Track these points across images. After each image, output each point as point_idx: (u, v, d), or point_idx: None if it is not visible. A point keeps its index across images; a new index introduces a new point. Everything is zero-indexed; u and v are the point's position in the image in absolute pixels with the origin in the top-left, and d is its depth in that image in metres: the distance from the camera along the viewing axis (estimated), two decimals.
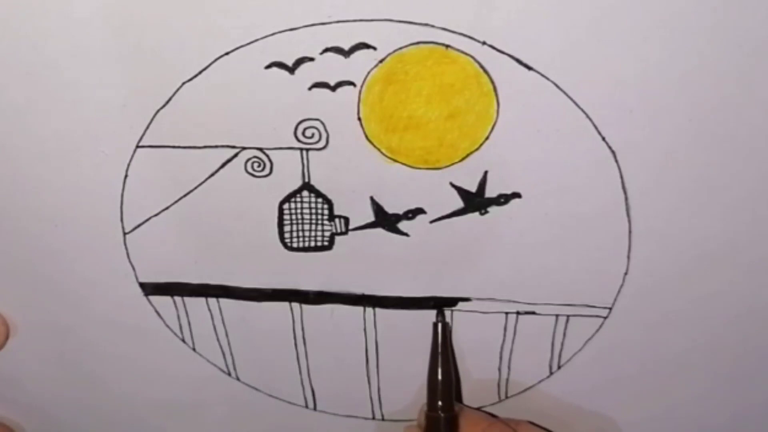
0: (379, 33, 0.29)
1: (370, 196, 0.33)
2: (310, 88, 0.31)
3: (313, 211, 0.34)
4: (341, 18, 0.29)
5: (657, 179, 0.31)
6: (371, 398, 0.39)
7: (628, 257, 0.33)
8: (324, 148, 0.32)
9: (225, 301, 0.37)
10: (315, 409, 0.40)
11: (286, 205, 0.34)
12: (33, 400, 0.41)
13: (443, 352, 0.35)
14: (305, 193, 0.33)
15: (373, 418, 0.39)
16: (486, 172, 0.32)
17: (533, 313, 0.35)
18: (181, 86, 0.31)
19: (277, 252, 0.35)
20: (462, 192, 0.33)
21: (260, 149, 0.32)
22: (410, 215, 0.33)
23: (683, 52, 0.29)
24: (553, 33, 0.29)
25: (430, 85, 0.30)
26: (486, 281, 0.35)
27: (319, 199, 0.33)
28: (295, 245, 0.35)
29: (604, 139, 0.31)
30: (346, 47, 0.29)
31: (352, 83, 0.30)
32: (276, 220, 0.34)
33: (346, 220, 0.34)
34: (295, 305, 0.37)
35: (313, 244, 0.35)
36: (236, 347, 0.38)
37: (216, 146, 0.33)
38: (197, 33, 0.30)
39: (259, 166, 0.33)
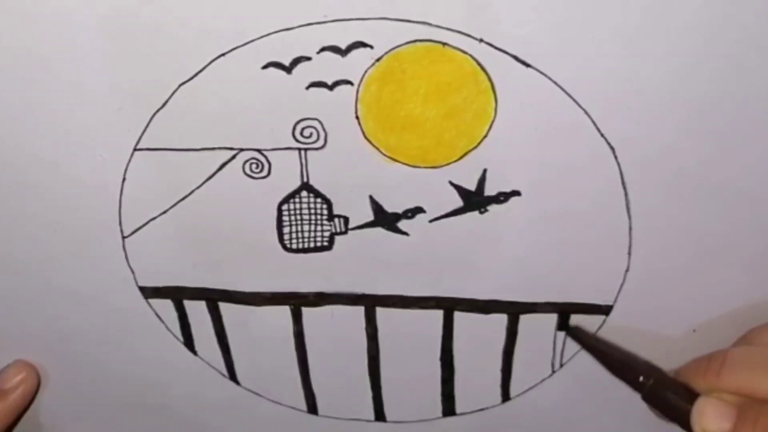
0: (376, 31, 0.29)
1: (369, 195, 0.33)
2: (307, 88, 0.30)
3: (313, 211, 0.34)
4: (337, 17, 0.29)
5: (657, 175, 0.31)
6: (373, 400, 0.39)
7: (629, 254, 0.33)
8: (322, 147, 0.32)
9: (225, 305, 0.37)
10: (317, 413, 0.40)
11: (285, 206, 0.34)
12: (31, 405, 0.40)
13: (596, 348, 0.34)
14: (304, 193, 0.33)
15: (376, 420, 0.39)
16: (485, 171, 0.32)
17: (534, 311, 0.35)
18: (177, 88, 0.31)
19: (277, 253, 0.35)
20: (461, 191, 0.33)
21: (258, 150, 0.32)
22: (409, 214, 0.33)
23: (681, 47, 0.28)
24: (550, 29, 0.29)
25: (428, 83, 0.30)
26: (486, 280, 0.35)
27: (318, 199, 0.33)
28: (294, 246, 0.35)
29: (603, 135, 0.31)
30: (343, 46, 0.29)
31: (349, 82, 0.30)
32: (275, 222, 0.34)
33: (346, 219, 0.34)
34: (296, 307, 0.37)
35: (312, 244, 0.34)
36: (237, 351, 0.38)
37: (214, 148, 0.32)
38: (193, 34, 0.30)
39: (257, 167, 0.33)
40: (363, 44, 0.29)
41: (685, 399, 0.30)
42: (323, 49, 0.30)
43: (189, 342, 0.38)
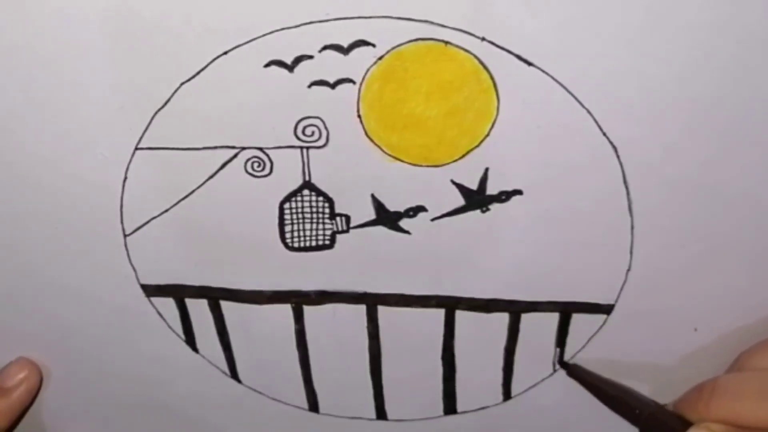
0: (378, 30, 0.29)
1: (371, 193, 0.33)
2: (309, 86, 0.30)
3: (314, 209, 0.34)
4: (340, 15, 0.29)
5: (659, 174, 0.31)
6: (375, 398, 0.39)
7: (631, 253, 0.33)
8: (324, 146, 0.32)
9: (227, 303, 0.37)
10: (318, 412, 0.40)
11: (286, 205, 0.34)
12: (33, 403, 0.40)
13: (594, 385, 0.35)
14: (306, 191, 0.33)
15: (377, 418, 0.39)
16: (487, 169, 0.32)
17: (536, 310, 0.35)
18: (179, 87, 0.31)
19: (278, 252, 0.35)
20: (463, 189, 0.33)
21: (260, 149, 0.32)
22: (411, 213, 0.33)
23: (684, 46, 0.28)
24: (553, 28, 0.29)
25: (429, 82, 0.30)
26: (488, 279, 0.35)
27: (320, 198, 0.33)
28: (296, 245, 0.35)
29: (605, 134, 0.31)
30: (345, 44, 0.29)
31: (351, 81, 0.30)
32: (276, 220, 0.34)
33: (347, 218, 0.34)
34: (297, 306, 0.37)
35: (314, 243, 0.34)
36: (238, 349, 0.38)
37: (215, 147, 0.32)
38: (195, 33, 0.30)
39: (259, 166, 0.33)
40: (365, 43, 0.29)
41: (680, 430, 0.31)
42: (325, 48, 0.30)
43: (190, 340, 0.38)
